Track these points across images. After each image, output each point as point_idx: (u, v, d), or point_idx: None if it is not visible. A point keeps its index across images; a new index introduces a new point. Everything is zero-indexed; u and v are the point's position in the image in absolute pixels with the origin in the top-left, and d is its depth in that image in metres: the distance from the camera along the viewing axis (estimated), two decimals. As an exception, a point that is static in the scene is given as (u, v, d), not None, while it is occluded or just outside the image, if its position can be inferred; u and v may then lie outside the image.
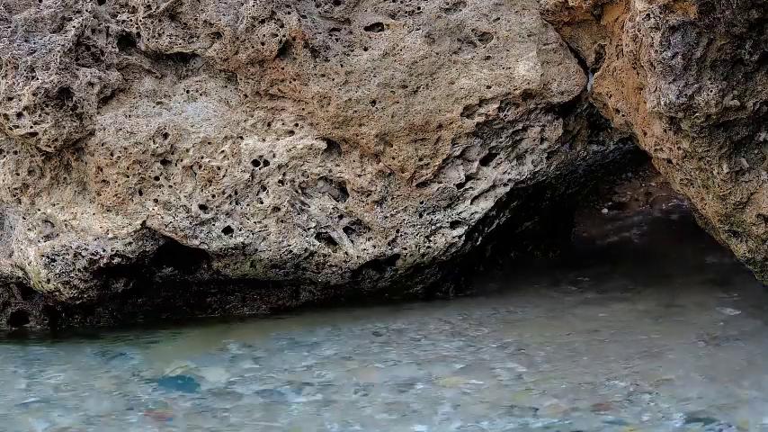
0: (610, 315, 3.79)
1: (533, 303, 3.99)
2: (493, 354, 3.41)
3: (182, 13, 3.70)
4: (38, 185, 3.74)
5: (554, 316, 3.83)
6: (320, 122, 3.74)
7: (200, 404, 3.07)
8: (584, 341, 3.48)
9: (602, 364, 3.24)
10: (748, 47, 3.11)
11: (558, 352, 3.39)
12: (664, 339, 3.46)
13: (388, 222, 3.80)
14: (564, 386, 3.07)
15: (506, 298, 4.06)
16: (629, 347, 3.40)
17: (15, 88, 3.59)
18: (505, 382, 3.15)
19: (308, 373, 3.31)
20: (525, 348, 3.44)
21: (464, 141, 3.81)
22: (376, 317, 3.85)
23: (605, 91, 3.69)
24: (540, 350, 3.41)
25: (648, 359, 3.29)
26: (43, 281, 3.69)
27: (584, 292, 4.12)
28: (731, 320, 3.66)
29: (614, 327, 3.64)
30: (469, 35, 3.80)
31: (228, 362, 3.44)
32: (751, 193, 3.39)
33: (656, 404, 2.90)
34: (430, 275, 4.01)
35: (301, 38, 3.68)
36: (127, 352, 3.60)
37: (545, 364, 3.28)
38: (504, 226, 4.09)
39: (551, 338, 3.52)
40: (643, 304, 3.88)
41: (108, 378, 3.34)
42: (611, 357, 3.31)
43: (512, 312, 3.89)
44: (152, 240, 3.72)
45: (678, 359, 3.28)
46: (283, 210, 3.75)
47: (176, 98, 3.76)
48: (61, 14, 3.67)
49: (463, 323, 3.75)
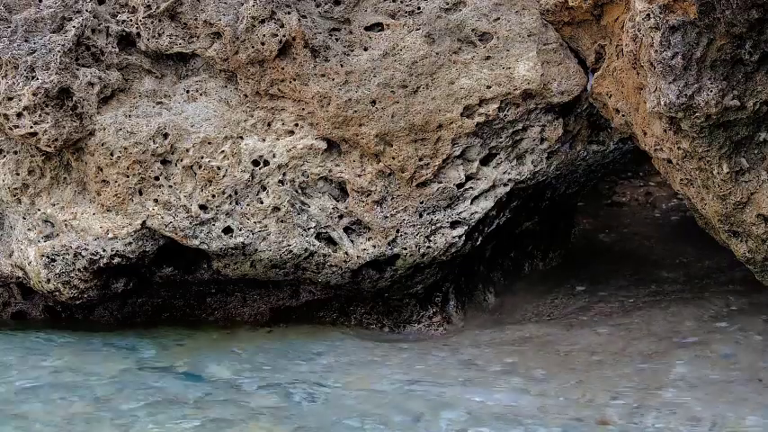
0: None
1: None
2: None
3: (182, 13, 3.70)
4: (38, 185, 3.74)
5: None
6: (320, 122, 3.74)
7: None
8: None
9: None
10: (748, 47, 3.11)
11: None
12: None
13: (388, 222, 3.80)
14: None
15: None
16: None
17: (15, 88, 3.59)
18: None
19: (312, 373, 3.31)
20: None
21: (464, 141, 3.81)
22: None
23: (605, 91, 3.69)
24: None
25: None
26: (43, 281, 3.69)
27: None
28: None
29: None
30: (469, 35, 3.80)
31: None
32: (751, 193, 3.39)
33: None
34: (430, 275, 4.01)
35: (301, 38, 3.68)
36: (131, 346, 3.61)
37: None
38: (504, 226, 4.09)
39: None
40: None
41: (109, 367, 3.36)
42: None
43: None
44: (152, 240, 3.72)
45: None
46: (283, 210, 3.75)
47: (176, 98, 3.76)
48: (61, 14, 3.67)
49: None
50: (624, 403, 3.00)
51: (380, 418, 2.91)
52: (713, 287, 4.10)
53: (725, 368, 3.28)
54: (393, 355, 3.62)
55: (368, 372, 3.39)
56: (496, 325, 4.04)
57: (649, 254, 4.70)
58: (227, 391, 3.13)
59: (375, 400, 3.07)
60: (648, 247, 4.82)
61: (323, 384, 3.22)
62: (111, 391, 3.12)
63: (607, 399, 3.05)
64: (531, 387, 3.20)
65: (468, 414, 2.94)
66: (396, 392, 3.15)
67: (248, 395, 3.12)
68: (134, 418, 2.91)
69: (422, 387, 3.21)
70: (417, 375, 3.34)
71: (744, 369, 3.25)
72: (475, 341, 3.80)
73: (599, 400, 3.03)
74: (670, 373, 3.26)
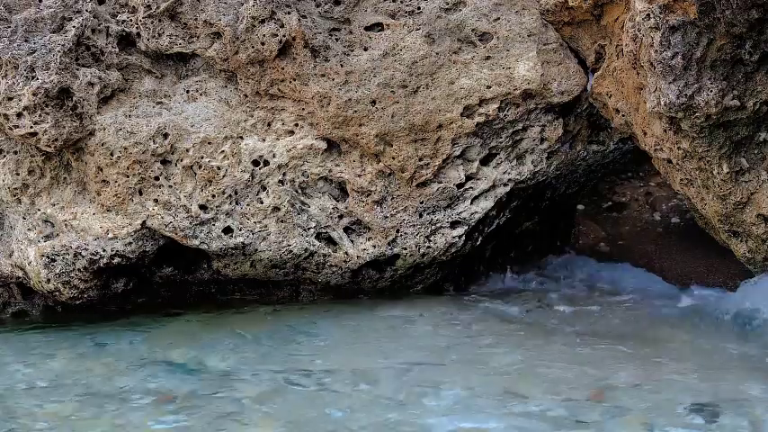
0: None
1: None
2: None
3: (182, 13, 3.70)
4: (38, 185, 3.74)
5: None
6: (320, 122, 3.74)
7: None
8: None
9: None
10: (748, 47, 3.11)
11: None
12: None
13: (388, 222, 3.80)
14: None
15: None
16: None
17: (15, 88, 3.59)
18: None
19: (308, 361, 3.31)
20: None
21: (464, 141, 3.81)
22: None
23: (605, 91, 3.69)
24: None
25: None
26: (43, 281, 3.69)
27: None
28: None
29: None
30: (469, 35, 3.80)
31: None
32: (751, 193, 3.39)
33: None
34: (430, 275, 4.01)
35: (301, 38, 3.68)
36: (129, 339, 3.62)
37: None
38: (504, 226, 4.09)
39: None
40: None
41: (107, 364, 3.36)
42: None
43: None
44: (152, 240, 3.72)
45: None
46: (283, 210, 3.75)
47: (176, 98, 3.76)
48: (61, 14, 3.67)
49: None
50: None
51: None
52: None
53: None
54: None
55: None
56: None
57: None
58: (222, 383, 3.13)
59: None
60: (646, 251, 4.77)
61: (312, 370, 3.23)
62: (109, 389, 3.11)
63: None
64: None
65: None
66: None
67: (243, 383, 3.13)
68: (131, 415, 2.91)
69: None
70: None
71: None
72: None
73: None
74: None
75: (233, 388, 3.08)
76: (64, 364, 3.40)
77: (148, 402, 2.99)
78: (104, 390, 3.10)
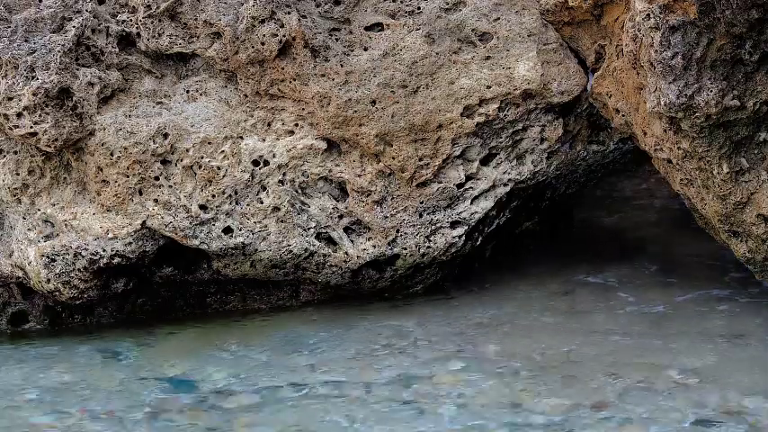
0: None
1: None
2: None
3: (182, 13, 3.70)
4: (38, 185, 3.74)
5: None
6: (320, 122, 3.74)
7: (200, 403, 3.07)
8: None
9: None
10: (748, 47, 3.11)
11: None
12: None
13: (388, 222, 3.80)
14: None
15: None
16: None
17: (15, 88, 3.59)
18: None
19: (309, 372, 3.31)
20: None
21: (464, 141, 3.81)
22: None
23: (605, 91, 3.69)
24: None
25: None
26: (43, 281, 3.69)
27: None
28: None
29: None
30: (469, 35, 3.80)
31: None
32: (751, 193, 3.39)
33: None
34: (430, 275, 4.01)
35: (301, 38, 3.68)
36: (127, 351, 3.61)
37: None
38: (504, 226, 4.09)
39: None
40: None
41: (109, 377, 3.35)
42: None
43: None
44: (152, 240, 3.72)
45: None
46: (283, 210, 3.75)
47: (176, 98, 3.76)
48: (61, 14, 3.67)
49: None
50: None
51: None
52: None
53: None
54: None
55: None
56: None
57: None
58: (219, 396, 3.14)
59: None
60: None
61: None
62: (108, 401, 3.12)
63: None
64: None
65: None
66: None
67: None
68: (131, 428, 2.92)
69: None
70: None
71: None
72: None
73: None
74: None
75: (228, 401, 3.09)
76: (55, 375, 3.40)
77: (140, 418, 2.99)
78: (101, 404, 3.11)
